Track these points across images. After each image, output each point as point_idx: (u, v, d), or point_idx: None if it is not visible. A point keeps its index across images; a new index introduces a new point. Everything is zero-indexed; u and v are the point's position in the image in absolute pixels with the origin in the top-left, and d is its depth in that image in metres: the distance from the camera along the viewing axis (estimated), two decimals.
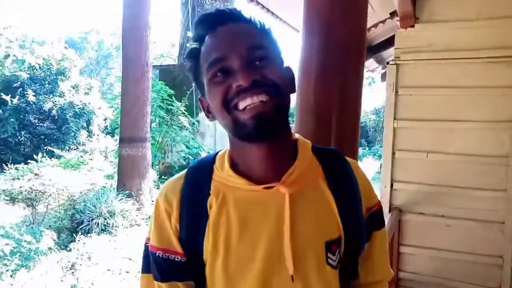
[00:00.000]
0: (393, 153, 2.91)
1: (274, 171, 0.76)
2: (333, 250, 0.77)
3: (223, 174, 0.78)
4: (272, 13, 2.57)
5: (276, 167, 0.76)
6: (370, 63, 4.67)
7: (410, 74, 2.84)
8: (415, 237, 2.87)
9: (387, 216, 2.78)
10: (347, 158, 0.86)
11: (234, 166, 0.78)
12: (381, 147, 2.89)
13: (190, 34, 10.15)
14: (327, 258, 0.76)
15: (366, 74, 5.66)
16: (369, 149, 18.28)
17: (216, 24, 0.74)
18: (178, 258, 0.77)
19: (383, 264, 0.90)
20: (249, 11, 0.81)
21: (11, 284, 4.34)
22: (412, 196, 2.87)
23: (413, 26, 2.80)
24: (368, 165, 13.71)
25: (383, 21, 3.08)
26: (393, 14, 2.94)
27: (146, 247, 0.82)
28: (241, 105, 0.70)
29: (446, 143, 2.77)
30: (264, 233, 0.74)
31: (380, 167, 4.01)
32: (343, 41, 0.96)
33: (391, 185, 2.91)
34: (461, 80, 2.72)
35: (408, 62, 2.84)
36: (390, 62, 2.94)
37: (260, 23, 0.78)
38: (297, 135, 0.85)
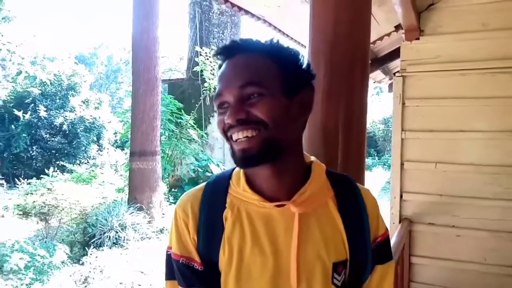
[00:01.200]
0: (402, 164, 2.93)
1: (284, 190, 0.80)
2: (339, 270, 0.80)
3: (239, 189, 0.83)
4: (279, 30, 2.63)
5: (284, 186, 0.81)
6: (376, 74, 4.71)
7: (416, 85, 2.88)
8: (425, 247, 2.87)
9: (397, 227, 2.80)
10: (359, 185, 0.88)
11: (249, 183, 0.83)
12: (391, 157, 2.93)
13: (198, 48, 10.34)
14: (333, 278, 0.80)
15: (373, 85, 5.70)
16: (378, 159, 18.22)
17: (228, 55, 0.80)
18: (196, 266, 0.82)
19: None
20: (263, 36, 0.84)
21: None
22: (421, 206, 2.88)
23: (418, 39, 2.85)
24: (378, 175, 13.67)
25: (388, 34, 3.13)
26: (398, 27, 2.99)
27: (169, 255, 0.86)
28: (234, 137, 0.77)
29: (454, 153, 2.79)
30: (273, 249, 0.79)
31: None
32: (348, 58, 1.01)
33: (401, 196, 2.93)
34: (467, 91, 2.74)
35: (414, 74, 2.87)
36: (396, 74, 2.97)
37: (269, 50, 0.80)
38: (313, 158, 0.88)
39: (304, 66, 0.83)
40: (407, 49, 2.91)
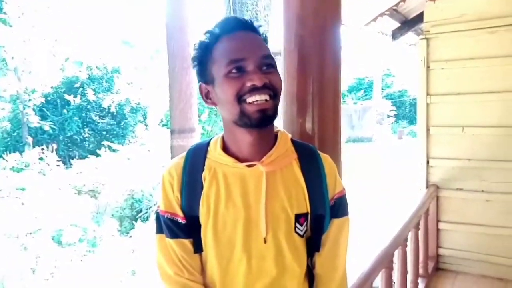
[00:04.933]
0: (428, 130, 2.87)
1: (257, 153, 0.92)
2: (301, 222, 0.92)
3: (215, 153, 0.94)
4: None
5: (259, 150, 0.92)
6: (409, 37, 4.52)
7: (441, 47, 2.77)
8: (454, 213, 2.82)
9: (423, 193, 2.76)
10: (319, 152, 0.99)
11: (225, 148, 0.94)
12: None
13: None
14: (295, 228, 0.91)
15: (409, 48, 5.48)
16: None
17: (234, 29, 0.88)
18: (179, 220, 0.93)
19: (333, 257, 0.97)
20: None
21: (80, 267, 4.81)
22: (449, 172, 2.82)
23: None
24: None
25: None
26: None
27: (157, 212, 0.98)
28: (250, 99, 0.85)
29: (483, 116, 2.69)
30: (245, 203, 0.90)
31: None
32: (317, 31, 1.03)
33: (427, 162, 2.88)
34: (496, 49, 2.61)
35: (438, 35, 2.76)
36: (420, 37, 2.87)
37: (265, 35, 0.92)
38: (280, 129, 0.99)
39: None
40: (430, 10, 2.80)
